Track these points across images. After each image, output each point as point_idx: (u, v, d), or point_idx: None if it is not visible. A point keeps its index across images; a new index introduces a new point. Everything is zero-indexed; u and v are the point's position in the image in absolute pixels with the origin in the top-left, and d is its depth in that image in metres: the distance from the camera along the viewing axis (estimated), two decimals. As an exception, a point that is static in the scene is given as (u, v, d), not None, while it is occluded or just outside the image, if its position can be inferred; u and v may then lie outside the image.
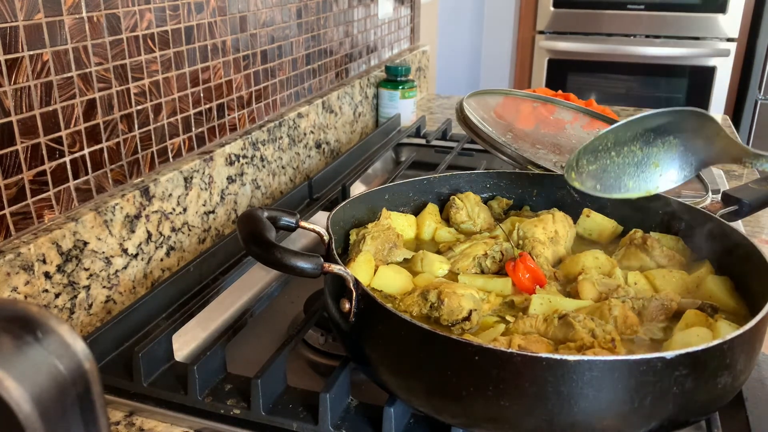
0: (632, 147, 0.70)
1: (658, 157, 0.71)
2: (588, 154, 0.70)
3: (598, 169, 0.70)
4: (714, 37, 2.88)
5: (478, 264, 0.71)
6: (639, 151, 0.70)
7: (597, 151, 0.70)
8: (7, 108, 0.67)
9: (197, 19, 0.93)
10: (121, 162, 0.83)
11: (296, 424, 0.60)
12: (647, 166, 0.71)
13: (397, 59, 1.77)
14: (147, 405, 0.64)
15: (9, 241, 0.68)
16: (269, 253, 0.56)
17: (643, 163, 0.71)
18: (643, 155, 0.71)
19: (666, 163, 0.71)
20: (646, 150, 0.71)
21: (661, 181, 0.72)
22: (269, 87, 1.15)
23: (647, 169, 0.72)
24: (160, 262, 0.87)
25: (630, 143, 0.70)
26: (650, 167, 0.71)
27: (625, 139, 0.70)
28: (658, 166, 0.71)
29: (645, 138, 0.70)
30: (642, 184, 0.72)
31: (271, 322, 0.81)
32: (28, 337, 0.29)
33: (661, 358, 0.48)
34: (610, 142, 0.70)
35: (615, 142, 0.70)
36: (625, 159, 0.71)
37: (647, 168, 0.72)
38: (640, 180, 0.72)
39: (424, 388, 0.54)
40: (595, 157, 0.70)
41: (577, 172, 0.70)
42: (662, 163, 0.71)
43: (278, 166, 1.16)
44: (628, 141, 0.70)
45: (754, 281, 0.63)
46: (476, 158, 1.32)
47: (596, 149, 0.70)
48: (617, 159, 0.70)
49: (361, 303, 0.57)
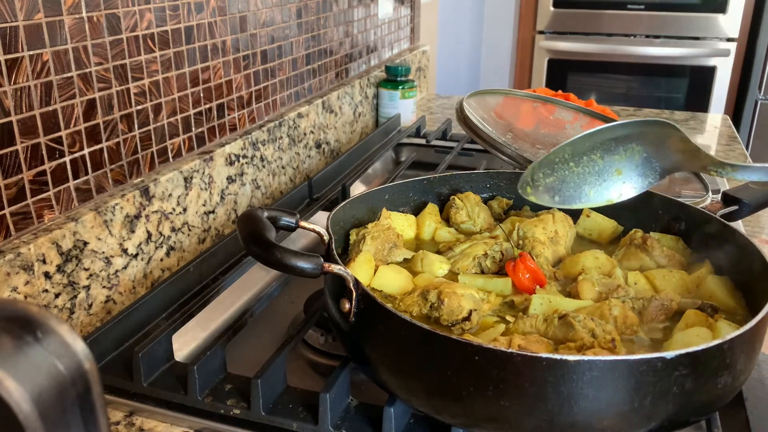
0: (592, 156, 0.69)
1: (620, 165, 0.69)
2: (544, 168, 0.68)
3: (555, 181, 0.69)
4: (714, 37, 2.88)
5: (478, 264, 0.71)
6: (600, 159, 0.69)
7: (554, 164, 0.68)
8: (7, 108, 0.67)
9: (197, 19, 0.93)
10: (121, 162, 0.83)
11: (296, 424, 0.60)
12: (609, 174, 0.70)
13: (397, 59, 1.77)
14: (147, 405, 0.64)
15: (9, 241, 0.68)
16: (269, 253, 0.56)
17: (605, 171, 0.69)
18: (604, 164, 0.69)
19: (629, 170, 0.69)
20: (607, 158, 0.69)
21: (624, 189, 0.71)
22: (269, 87, 1.15)
23: (609, 177, 0.70)
24: (160, 262, 0.87)
25: (589, 153, 0.69)
26: (612, 175, 0.70)
27: (583, 149, 0.68)
28: (621, 174, 0.70)
29: (605, 147, 0.68)
30: (604, 193, 0.70)
31: (271, 322, 0.81)
32: (28, 337, 0.29)
33: (661, 358, 0.48)
34: (568, 154, 0.68)
35: (573, 153, 0.68)
36: (584, 168, 0.69)
37: (609, 176, 0.70)
38: (601, 189, 0.70)
39: (424, 388, 0.54)
40: (552, 169, 0.68)
41: (532, 186, 0.68)
42: (625, 171, 0.70)
43: (278, 166, 1.16)
44: (587, 151, 0.68)
45: (754, 281, 0.63)
46: (476, 158, 1.32)
47: (553, 162, 0.68)
48: (576, 169, 0.69)
49: (361, 303, 0.57)
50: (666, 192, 0.78)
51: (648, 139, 0.68)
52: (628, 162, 0.69)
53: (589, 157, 0.68)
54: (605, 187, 0.70)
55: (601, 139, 0.68)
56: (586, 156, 0.68)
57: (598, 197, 0.71)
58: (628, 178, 0.70)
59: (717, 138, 1.56)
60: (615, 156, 0.69)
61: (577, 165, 0.68)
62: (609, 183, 0.70)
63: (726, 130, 1.62)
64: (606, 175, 0.70)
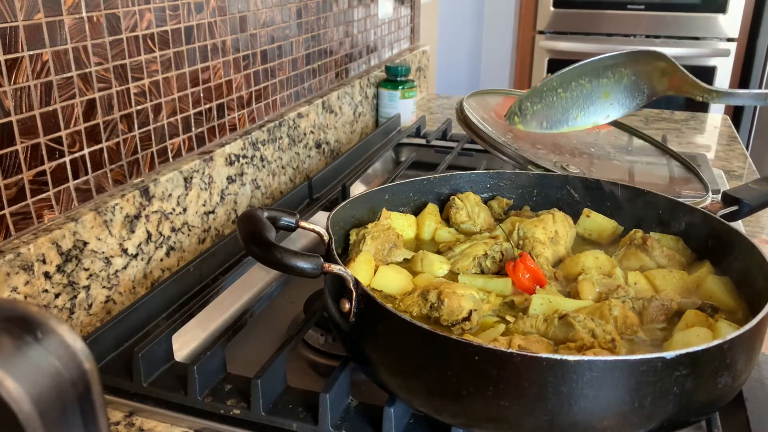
0: (580, 81, 0.69)
1: (608, 87, 0.69)
2: (532, 97, 0.68)
3: (543, 108, 0.69)
4: (714, 37, 2.88)
5: (478, 264, 0.71)
6: (587, 84, 0.69)
7: (542, 93, 0.69)
8: (7, 108, 0.67)
9: (197, 19, 0.93)
10: (121, 162, 0.83)
11: (296, 424, 0.60)
12: (597, 98, 0.70)
13: (397, 59, 1.77)
14: (147, 405, 0.64)
15: (9, 241, 0.68)
16: (269, 253, 0.56)
17: (593, 94, 0.70)
18: (592, 87, 0.69)
19: (617, 92, 0.70)
20: (595, 82, 0.69)
21: (611, 110, 0.71)
22: (269, 87, 1.15)
23: (597, 100, 0.70)
24: (160, 262, 0.87)
25: (577, 78, 0.69)
26: (600, 98, 0.70)
27: (572, 76, 0.69)
28: (609, 96, 0.70)
29: (594, 72, 0.69)
30: (591, 116, 0.71)
31: (271, 322, 0.81)
32: (28, 337, 0.29)
33: (661, 358, 0.48)
34: (556, 82, 0.69)
35: (561, 81, 0.69)
36: (572, 93, 0.69)
37: (597, 99, 0.70)
38: (588, 111, 0.70)
39: (424, 388, 0.54)
40: (540, 97, 0.69)
41: (520, 116, 0.69)
42: (612, 93, 0.70)
43: (278, 166, 1.16)
44: (575, 77, 0.69)
45: (754, 281, 0.63)
46: (476, 158, 1.32)
47: (541, 91, 0.68)
48: (564, 94, 0.69)
49: (361, 303, 0.57)
50: (666, 192, 0.78)
51: (638, 64, 0.69)
52: (615, 84, 0.69)
53: (577, 82, 0.69)
54: (592, 110, 0.71)
55: (590, 67, 0.68)
56: (574, 82, 0.69)
57: (585, 120, 0.71)
58: (615, 99, 0.70)
59: (717, 138, 1.56)
60: (603, 80, 0.70)
61: (565, 91, 0.69)
62: (596, 106, 0.71)
63: (726, 130, 1.62)
64: (594, 98, 0.70)
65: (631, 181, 1.07)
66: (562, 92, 0.68)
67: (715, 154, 1.44)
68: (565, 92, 0.68)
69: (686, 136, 1.57)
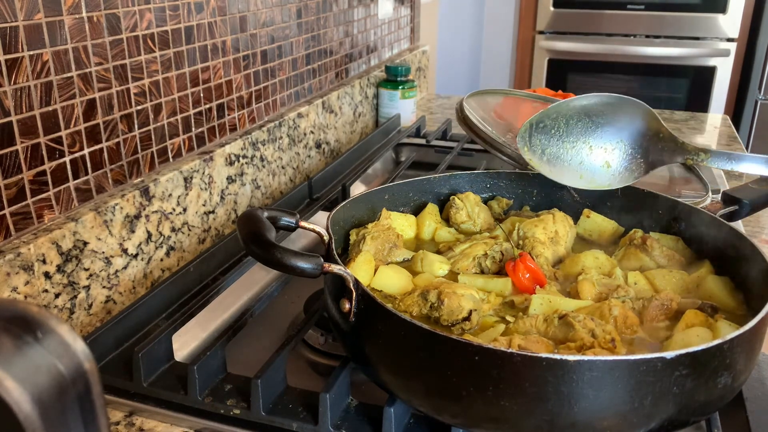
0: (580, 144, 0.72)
1: (609, 158, 0.72)
2: (540, 134, 0.72)
3: (551, 148, 0.73)
4: (714, 37, 2.88)
5: (478, 264, 0.71)
6: (588, 150, 0.72)
7: (549, 130, 0.73)
8: (7, 108, 0.66)
9: (197, 19, 0.93)
10: (121, 162, 0.83)
11: (296, 424, 0.60)
12: (599, 165, 0.73)
13: (397, 59, 1.77)
14: (147, 405, 0.64)
15: (9, 241, 0.68)
16: (269, 253, 0.56)
17: (593, 159, 0.73)
18: (593, 154, 0.72)
19: (618, 162, 0.73)
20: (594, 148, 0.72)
21: (613, 180, 0.74)
22: (269, 87, 1.15)
23: (599, 168, 0.73)
24: (160, 262, 0.87)
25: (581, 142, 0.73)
26: (602, 167, 0.73)
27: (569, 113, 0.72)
28: (610, 167, 0.73)
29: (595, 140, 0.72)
30: (593, 177, 0.74)
31: (271, 322, 0.81)
32: (28, 337, 0.29)
33: (661, 358, 0.48)
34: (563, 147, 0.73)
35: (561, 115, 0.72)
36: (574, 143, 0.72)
37: (599, 167, 0.73)
38: (590, 173, 0.74)
39: (424, 388, 0.54)
40: (549, 137, 0.73)
41: (530, 149, 0.72)
42: (613, 164, 0.73)
43: (278, 166, 1.16)
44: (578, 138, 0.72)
45: (754, 281, 0.63)
46: (476, 158, 1.32)
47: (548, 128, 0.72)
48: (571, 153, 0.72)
49: (361, 303, 0.57)
50: (666, 192, 0.78)
51: (630, 130, 0.71)
52: (617, 155, 0.72)
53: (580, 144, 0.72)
54: (595, 177, 0.73)
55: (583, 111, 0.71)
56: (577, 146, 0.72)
57: (587, 181, 0.74)
58: (616, 170, 0.72)
59: (717, 138, 1.56)
60: (601, 150, 0.72)
61: (567, 136, 0.72)
62: (599, 172, 0.73)
63: (726, 130, 1.62)
64: (595, 164, 0.73)
65: (631, 181, 1.07)
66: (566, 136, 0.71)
67: (715, 154, 1.43)
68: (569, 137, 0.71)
69: (686, 136, 1.57)
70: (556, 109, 0.71)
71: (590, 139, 0.72)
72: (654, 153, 0.71)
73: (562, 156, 0.71)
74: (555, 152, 0.71)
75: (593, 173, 0.73)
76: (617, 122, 0.72)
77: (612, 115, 0.72)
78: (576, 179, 0.72)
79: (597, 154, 0.72)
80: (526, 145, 0.70)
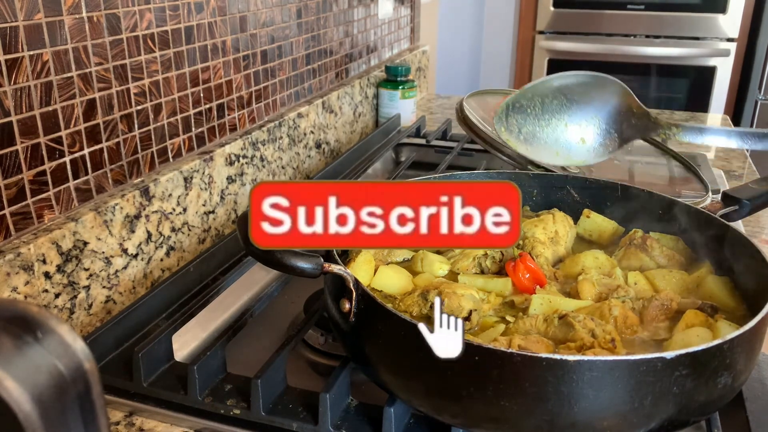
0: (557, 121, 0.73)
1: (583, 134, 0.73)
2: (516, 114, 0.73)
3: (527, 125, 0.73)
4: (714, 37, 2.88)
5: (478, 264, 0.71)
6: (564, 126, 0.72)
7: (525, 108, 0.73)
8: (7, 108, 0.66)
9: (197, 19, 0.93)
10: (121, 162, 0.83)
11: (296, 424, 0.60)
12: (575, 141, 0.73)
13: (397, 59, 1.77)
14: (147, 405, 0.64)
15: (9, 241, 0.68)
16: (269, 253, 0.56)
17: (568, 135, 0.73)
18: (568, 125, 0.73)
19: (592, 137, 0.73)
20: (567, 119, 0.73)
21: (588, 156, 0.74)
22: (269, 87, 1.15)
23: (574, 144, 0.73)
24: (160, 262, 0.87)
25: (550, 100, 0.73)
26: (577, 143, 0.73)
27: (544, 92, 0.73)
28: (585, 142, 0.73)
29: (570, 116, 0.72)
30: (570, 155, 0.74)
31: (271, 322, 0.81)
32: (28, 337, 0.29)
33: (661, 358, 0.48)
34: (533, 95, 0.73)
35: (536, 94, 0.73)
36: (550, 121, 0.73)
37: (574, 143, 0.73)
38: (566, 150, 0.73)
39: (424, 388, 0.54)
40: (525, 115, 0.73)
41: (507, 128, 0.72)
42: (588, 138, 0.73)
43: (278, 166, 1.16)
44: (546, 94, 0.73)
45: (754, 281, 0.63)
46: (476, 158, 1.32)
47: (524, 107, 0.73)
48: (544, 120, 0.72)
49: (361, 303, 0.57)
50: (666, 192, 0.78)
51: (602, 105, 0.72)
52: (592, 131, 0.72)
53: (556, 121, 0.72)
54: (571, 154, 0.73)
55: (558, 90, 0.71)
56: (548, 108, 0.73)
57: (565, 159, 0.74)
58: (591, 146, 0.73)
59: (717, 138, 1.56)
60: (576, 126, 0.72)
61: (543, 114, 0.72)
62: (575, 148, 0.73)
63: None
64: (571, 139, 0.72)
65: (631, 181, 1.07)
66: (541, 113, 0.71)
67: (715, 154, 1.44)
68: (544, 117, 0.71)
69: (686, 136, 1.57)
70: (532, 89, 0.72)
71: (566, 117, 0.72)
72: (628, 128, 0.72)
73: (539, 134, 0.72)
74: (531, 131, 0.71)
75: (569, 150, 0.73)
76: (592, 100, 0.72)
77: (587, 93, 0.72)
78: (553, 156, 0.72)
79: (572, 130, 0.72)
80: (503, 125, 0.70)
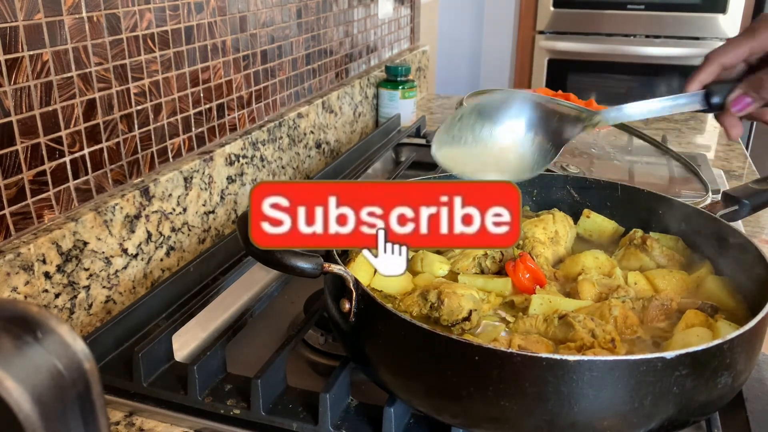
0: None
1: (522, 150, 0.74)
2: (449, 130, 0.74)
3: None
4: (714, 37, 2.88)
5: (478, 264, 0.71)
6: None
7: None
8: (7, 108, 0.66)
9: (197, 19, 0.93)
10: (121, 162, 0.83)
11: (296, 424, 0.60)
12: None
13: (397, 59, 1.77)
14: (147, 405, 0.64)
15: (9, 241, 0.68)
16: (269, 253, 0.56)
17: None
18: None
19: (529, 154, 0.74)
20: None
21: (524, 173, 0.75)
22: (269, 87, 1.15)
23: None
24: (160, 262, 0.87)
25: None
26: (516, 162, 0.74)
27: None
28: (524, 158, 0.74)
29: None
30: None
31: (271, 322, 0.81)
32: (28, 337, 0.29)
33: (661, 358, 0.48)
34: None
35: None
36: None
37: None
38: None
39: (424, 388, 0.54)
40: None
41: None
42: (526, 155, 0.73)
43: (278, 166, 1.16)
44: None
45: (753, 281, 0.63)
46: (476, 158, 1.31)
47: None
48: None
49: (361, 303, 0.57)
50: (666, 192, 0.78)
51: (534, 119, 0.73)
52: (527, 145, 0.73)
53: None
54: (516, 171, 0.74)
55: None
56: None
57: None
58: (531, 158, 0.73)
59: (717, 138, 1.56)
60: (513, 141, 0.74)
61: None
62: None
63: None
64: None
65: (631, 181, 1.08)
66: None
67: (715, 154, 1.44)
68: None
69: (686, 136, 1.57)
70: (458, 123, 0.73)
71: (497, 138, 0.73)
72: (558, 132, 0.73)
73: (479, 159, 0.72)
74: (470, 159, 0.72)
75: (512, 167, 0.74)
76: (515, 116, 0.73)
77: (508, 111, 0.73)
78: (500, 176, 0.73)
79: (508, 149, 0.73)
80: (443, 162, 0.72)
